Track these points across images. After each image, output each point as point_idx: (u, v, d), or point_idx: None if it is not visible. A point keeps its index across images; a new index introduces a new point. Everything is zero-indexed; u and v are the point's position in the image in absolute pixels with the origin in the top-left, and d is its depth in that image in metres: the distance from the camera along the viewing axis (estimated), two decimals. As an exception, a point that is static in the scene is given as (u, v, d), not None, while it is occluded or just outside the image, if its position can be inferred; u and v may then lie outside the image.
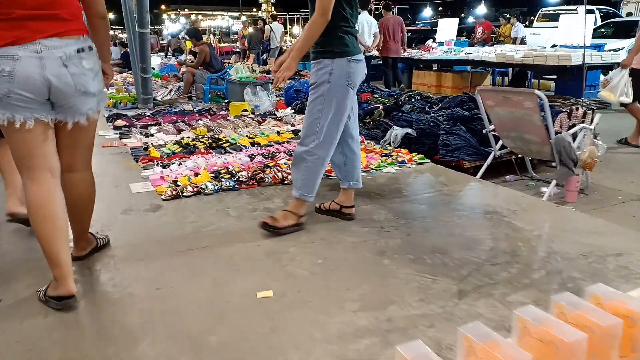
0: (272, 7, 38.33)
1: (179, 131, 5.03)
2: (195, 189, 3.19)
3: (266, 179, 3.40)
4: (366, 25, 8.13)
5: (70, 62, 1.82)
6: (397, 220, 2.76)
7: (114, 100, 7.00)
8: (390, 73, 8.97)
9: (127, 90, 7.43)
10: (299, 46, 2.42)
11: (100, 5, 2.00)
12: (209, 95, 7.27)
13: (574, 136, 3.69)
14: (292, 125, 5.27)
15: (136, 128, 5.16)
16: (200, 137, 4.66)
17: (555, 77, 8.66)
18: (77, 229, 2.19)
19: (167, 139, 4.69)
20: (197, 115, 5.96)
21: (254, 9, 34.94)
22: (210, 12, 43.45)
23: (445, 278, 2.09)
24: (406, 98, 6.54)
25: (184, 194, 3.15)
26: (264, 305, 1.90)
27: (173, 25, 26.92)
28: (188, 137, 4.66)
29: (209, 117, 5.92)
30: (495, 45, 10.37)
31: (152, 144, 4.49)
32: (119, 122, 5.34)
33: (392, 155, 4.02)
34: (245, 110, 6.08)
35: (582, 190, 3.81)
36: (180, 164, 3.77)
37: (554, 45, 11.40)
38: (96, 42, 2.00)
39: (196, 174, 3.49)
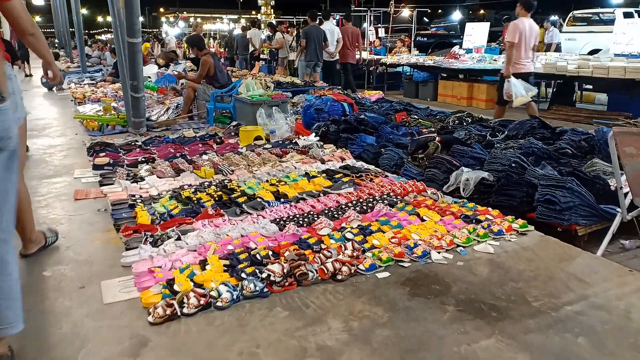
0: (272, 10, 37.33)
1: (178, 172, 3.85)
2: (201, 300, 2.01)
3: (309, 274, 2.22)
4: (329, 34, 8.65)
5: None
6: (558, 384, 1.59)
7: (100, 123, 5.82)
8: (350, 77, 9.21)
9: (116, 110, 6.22)
10: None
11: (25, 22, 2.08)
12: (214, 115, 6.10)
13: None
14: (322, 162, 4.10)
15: (122, 168, 3.99)
16: (205, 185, 3.48)
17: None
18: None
19: (162, 187, 3.51)
20: (199, 144, 4.79)
21: (253, 12, 33.92)
22: (209, 15, 42.32)
23: None
24: (455, 120, 5.39)
25: (185, 309, 1.97)
26: None
27: (172, 29, 25.72)
28: (189, 187, 3.47)
29: (215, 146, 4.77)
30: (536, 53, 9.16)
31: (141, 196, 3.32)
32: (101, 160, 4.14)
33: (479, 220, 2.84)
34: (259, 138, 4.90)
35: None
36: (178, 237, 2.61)
37: (592, 52, 10.25)
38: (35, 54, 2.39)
39: (203, 263, 2.32)
